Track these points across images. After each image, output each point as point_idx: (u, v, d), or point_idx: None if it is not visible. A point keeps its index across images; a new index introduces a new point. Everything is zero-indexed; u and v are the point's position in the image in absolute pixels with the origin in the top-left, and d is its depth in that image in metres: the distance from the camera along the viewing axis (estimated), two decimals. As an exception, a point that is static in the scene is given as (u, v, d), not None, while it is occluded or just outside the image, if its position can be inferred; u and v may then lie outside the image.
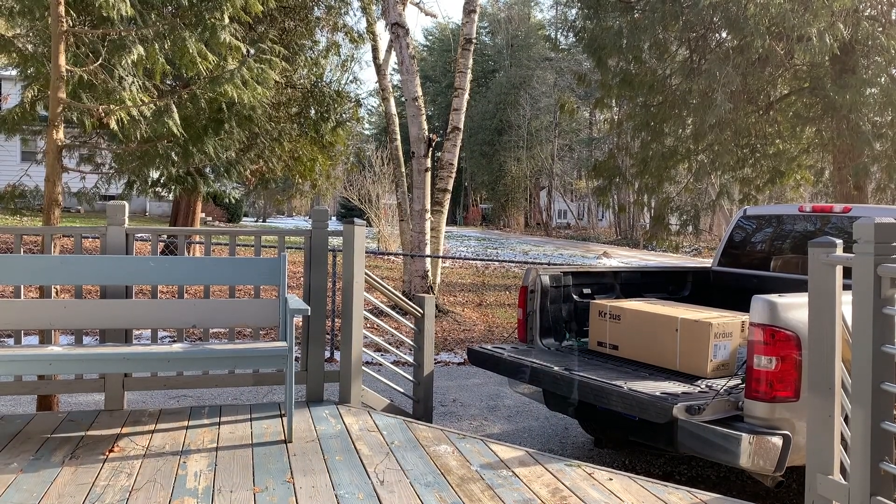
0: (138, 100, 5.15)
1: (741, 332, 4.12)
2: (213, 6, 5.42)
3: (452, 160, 11.24)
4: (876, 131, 10.04)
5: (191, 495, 2.91)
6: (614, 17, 11.34)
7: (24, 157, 23.82)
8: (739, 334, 4.12)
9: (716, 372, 4.02)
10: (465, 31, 11.35)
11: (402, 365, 6.85)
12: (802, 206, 5.18)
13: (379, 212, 19.18)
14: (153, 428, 3.79)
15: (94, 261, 3.97)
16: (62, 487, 2.95)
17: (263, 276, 4.17)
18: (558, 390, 4.20)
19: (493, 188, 47.54)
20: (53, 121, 4.41)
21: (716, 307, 5.55)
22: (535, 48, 46.62)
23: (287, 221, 42.63)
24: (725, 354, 4.08)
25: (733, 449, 3.28)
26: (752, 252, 5.48)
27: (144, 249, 13.17)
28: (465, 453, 3.52)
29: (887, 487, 2.46)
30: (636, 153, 12.36)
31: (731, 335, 4.09)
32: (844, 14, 9.39)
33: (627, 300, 4.88)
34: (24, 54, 5.23)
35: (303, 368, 4.41)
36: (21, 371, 3.41)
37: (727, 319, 4.12)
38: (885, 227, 2.42)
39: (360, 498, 2.93)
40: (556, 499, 2.99)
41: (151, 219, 27.77)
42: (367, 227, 4.67)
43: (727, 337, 4.07)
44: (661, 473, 4.48)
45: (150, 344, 4.00)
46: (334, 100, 11.33)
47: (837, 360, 2.65)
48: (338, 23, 11.85)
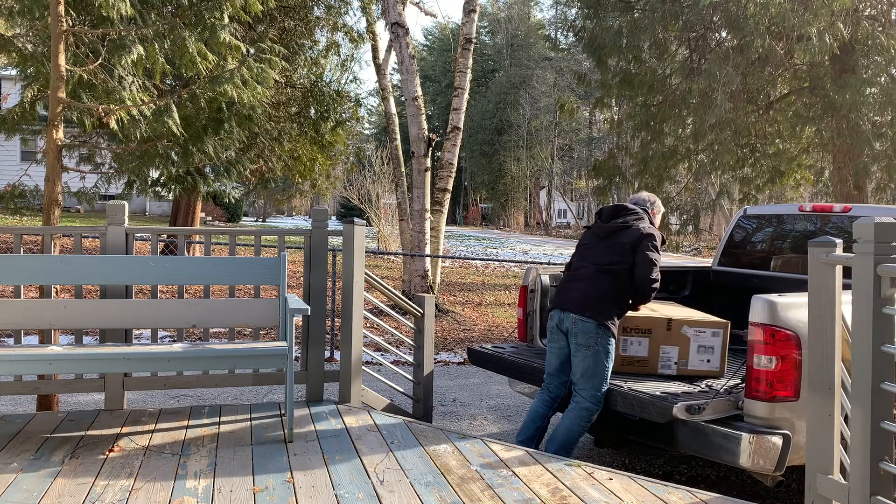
0: (138, 99, 5.15)
1: (666, 329, 4.11)
2: (213, 6, 5.41)
3: (452, 160, 11.24)
4: (876, 131, 10.05)
5: (191, 495, 2.91)
6: (614, 17, 11.34)
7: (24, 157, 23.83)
8: (664, 333, 4.10)
9: (629, 368, 4.10)
10: (465, 31, 11.35)
11: (402, 365, 6.85)
12: (802, 205, 5.18)
13: (379, 211, 19.17)
14: (153, 428, 3.79)
15: (93, 260, 3.97)
16: (62, 487, 2.95)
17: (263, 275, 4.17)
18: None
19: (493, 188, 47.56)
20: (53, 120, 4.41)
21: (716, 307, 5.56)
22: (535, 48, 46.65)
23: (287, 221, 42.64)
24: (643, 351, 4.11)
25: (733, 448, 3.28)
26: (752, 251, 5.48)
27: (144, 249, 13.17)
28: (465, 453, 3.52)
29: (887, 487, 2.46)
30: (636, 153, 12.35)
31: (649, 332, 4.10)
32: (844, 14, 9.38)
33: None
34: (24, 54, 5.23)
35: (303, 368, 4.41)
36: (21, 371, 3.41)
37: (646, 314, 4.13)
38: (885, 226, 2.42)
39: (360, 497, 2.93)
40: (555, 498, 2.99)
41: (151, 218, 27.77)
42: (366, 226, 4.67)
43: (644, 334, 4.10)
44: (661, 473, 4.48)
45: (150, 344, 4.00)
46: (334, 99, 11.33)
47: (837, 360, 2.65)
48: (337, 22, 11.85)
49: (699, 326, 4.09)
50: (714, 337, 4.08)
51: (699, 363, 4.08)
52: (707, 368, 4.09)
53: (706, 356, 4.07)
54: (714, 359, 4.08)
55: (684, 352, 4.09)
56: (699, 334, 4.08)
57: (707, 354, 4.08)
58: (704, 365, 4.08)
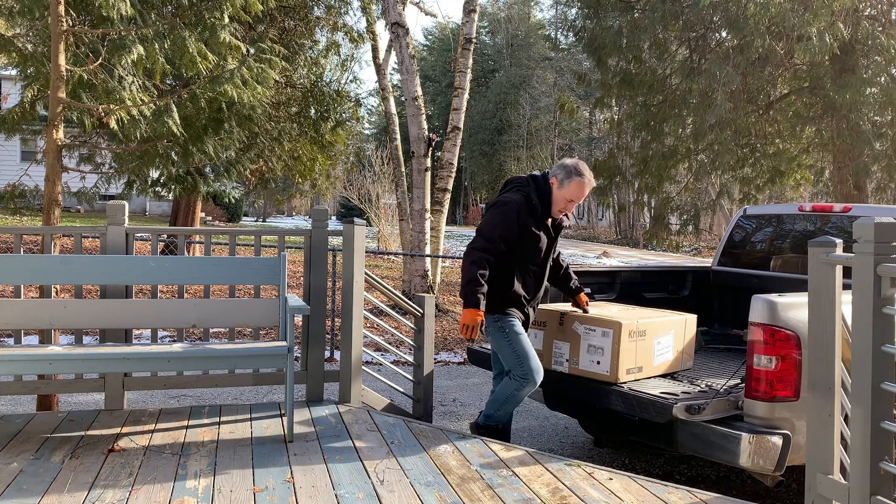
0: (138, 99, 5.15)
1: (558, 324, 3.97)
2: (213, 6, 5.42)
3: (452, 160, 11.24)
4: (876, 131, 10.04)
5: (191, 495, 2.91)
6: (614, 17, 11.35)
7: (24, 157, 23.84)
8: (556, 327, 3.96)
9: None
10: (465, 31, 11.35)
11: (402, 364, 6.85)
12: (802, 205, 5.18)
13: (379, 211, 19.18)
14: (153, 427, 3.79)
15: (94, 260, 3.97)
16: (62, 487, 2.95)
17: (263, 275, 4.17)
18: (558, 390, 4.20)
19: (493, 188, 47.52)
20: (53, 120, 4.41)
21: (715, 307, 5.56)
22: (535, 48, 46.65)
23: (287, 221, 42.62)
24: (538, 344, 4.05)
25: (733, 448, 3.28)
26: (752, 251, 5.48)
27: (144, 249, 13.17)
28: (464, 453, 3.52)
29: (887, 487, 2.46)
30: (636, 153, 12.36)
31: (544, 325, 4.01)
32: (844, 14, 9.39)
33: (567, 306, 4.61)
34: (24, 54, 5.23)
35: (303, 368, 4.41)
36: (21, 371, 3.41)
37: (554, 307, 4.06)
38: (885, 226, 2.42)
39: (360, 497, 2.93)
40: (555, 498, 2.99)
41: (151, 218, 27.77)
42: (366, 226, 4.67)
43: (540, 327, 4.02)
44: (661, 473, 4.48)
45: (150, 344, 4.00)
46: (334, 99, 11.33)
47: (837, 360, 2.65)
48: (338, 22, 11.85)
49: (590, 324, 3.82)
50: (604, 337, 3.77)
51: (589, 363, 3.83)
52: (596, 371, 3.80)
53: (596, 357, 3.81)
54: (604, 361, 3.77)
55: (575, 350, 3.88)
56: (589, 332, 3.83)
57: (597, 355, 3.80)
58: (594, 367, 3.81)
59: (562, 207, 3.83)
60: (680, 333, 4.06)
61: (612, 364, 3.75)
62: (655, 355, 3.92)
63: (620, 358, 3.73)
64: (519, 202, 3.77)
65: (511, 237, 3.74)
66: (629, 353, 3.78)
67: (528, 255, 3.82)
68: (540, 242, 3.81)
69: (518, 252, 3.79)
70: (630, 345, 3.78)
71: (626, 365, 3.77)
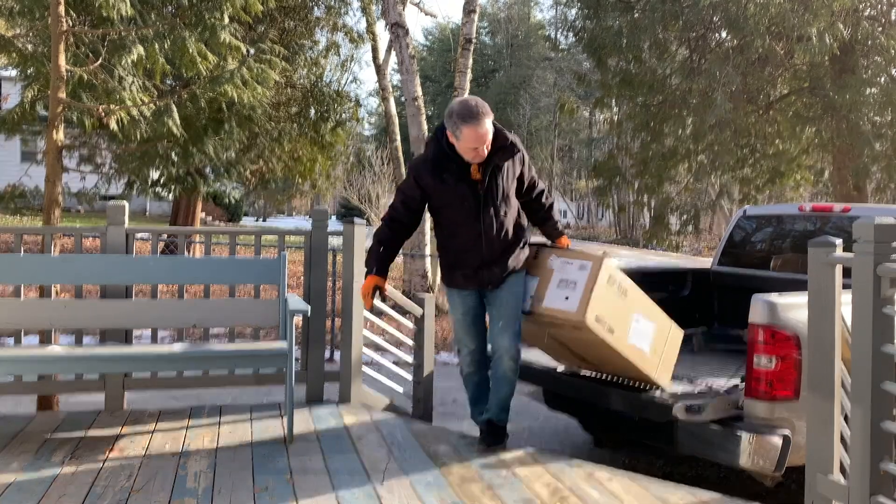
0: (138, 100, 5.15)
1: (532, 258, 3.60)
2: (213, 6, 5.42)
3: (452, 160, 11.22)
4: (876, 131, 10.05)
5: (191, 495, 2.91)
6: (614, 17, 11.35)
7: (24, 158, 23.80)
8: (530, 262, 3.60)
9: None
10: (465, 31, 11.35)
11: (401, 365, 6.84)
12: (802, 205, 5.17)
13: (379, 212, 19.19)
14: (153, 428, 3.79)
15: (94, 260, 3.97)
16: (62, 487, 2.95)
17: (263, 275, 4.17)
18: (558, 390, 4.20)
19: (493, 188, 47.50)
20: (53, 121, 4.41)
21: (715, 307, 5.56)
22: (535, 48, 46.61)
23: (287, 221, 42.59)
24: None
25: (733, 448, 3.28)
26: (751, 251, 5.48)
27: (144, 249, 13.15)
28: (464, 453, 3.52)
29: (887, 487, 2.46)
30: (636, 153, 12.38)
31: None
32: (844, 14, 9.39)
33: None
34: (24, 54, 5.23)
35: (303, 368, 4.41)
36: (21, 371, 3.41)
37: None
38: (885, 227, 2.42)
39: (360, 498, 2.93)
40: (555, 499, 2.99)
41: (151, 219, 27.76)
42: (366, 226, 4.67)
43: None
44: (661, 473, 4.47)
45: (150, 344, 4.00)
46: (334, 100, 11.35)
47: (837, 360, 2.65)
48: (337, 23, 11.86)
49: (568, 257, 3.46)
50: (580, 271, 3.35)
51: (554, 299, 3.38)
52: (562, 308, 3.34)
53: (566, 292, 3.36)
54: (573, 297, 3.30)
55: (544, 285, 3.47)
56: (565, 266, 3.43)
57: (567, 290, 3.35)
58: (561, 303, 3.34)
59: (472, 156, 3.43)
60: (662, 333, 3.66)
61: (581, 301, 3.26)
62: (631, 332, 3.46)
63: (593, 297, 3.25)
64: (417, 163, 3.55)
65: (414, 200, 3.49)
66: (603, 300, 3.31)
67: (454, 213, 3.47)
68: (462, 196, 3.42)
69: (443, 212, 3.51)
70: (607, 291, 3.34)
71: (596, 310, 3.28)
